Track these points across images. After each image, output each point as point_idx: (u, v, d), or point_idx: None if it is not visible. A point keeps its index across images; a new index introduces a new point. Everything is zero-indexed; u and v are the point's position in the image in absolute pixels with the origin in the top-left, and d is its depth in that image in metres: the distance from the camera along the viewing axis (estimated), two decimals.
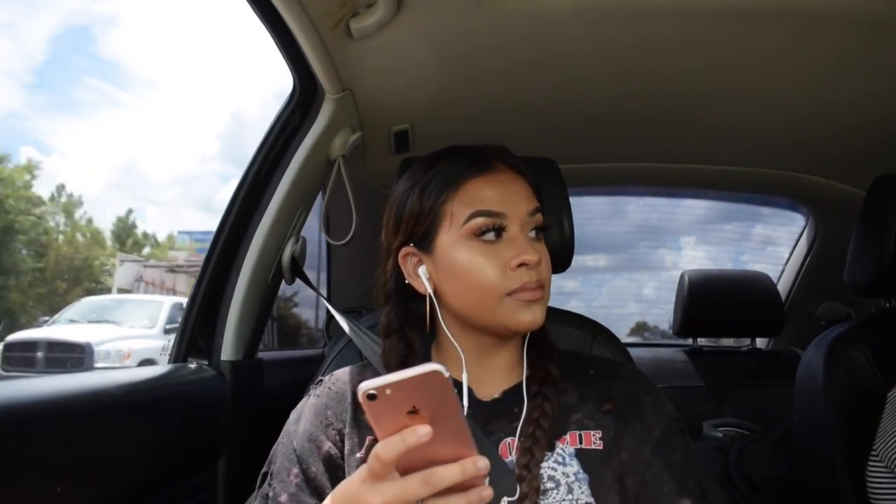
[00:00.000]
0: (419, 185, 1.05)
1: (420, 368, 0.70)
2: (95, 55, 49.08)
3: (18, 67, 45.65)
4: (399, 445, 0.71)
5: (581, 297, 3.97)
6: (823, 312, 2.79)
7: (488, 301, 1.01)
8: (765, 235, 3.26)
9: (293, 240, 1.66)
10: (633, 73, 1.68)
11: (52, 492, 1.02)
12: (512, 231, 1.02)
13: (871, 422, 1.44)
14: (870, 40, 1.48)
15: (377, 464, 0.73)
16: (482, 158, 1.05)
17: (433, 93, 1.73)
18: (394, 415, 0.71)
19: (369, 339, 1.30)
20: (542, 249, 1.05)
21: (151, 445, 1.30)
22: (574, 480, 0.98)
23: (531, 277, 1.00)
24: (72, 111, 48.55)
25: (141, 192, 38.70)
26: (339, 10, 1.37)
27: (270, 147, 1.61)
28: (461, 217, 1.01)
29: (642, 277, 4.09)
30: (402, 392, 0.70)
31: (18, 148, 46.04)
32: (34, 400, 1.05)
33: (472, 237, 1.01)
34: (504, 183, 1.03)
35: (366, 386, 0.70)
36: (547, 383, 1.05)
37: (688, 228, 3.52)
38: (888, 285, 1.60)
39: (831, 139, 2.02)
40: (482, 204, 1.01)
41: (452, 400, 0.72)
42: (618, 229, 3.52)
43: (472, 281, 1.01)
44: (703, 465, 1.05)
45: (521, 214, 1.02)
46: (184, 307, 1.78)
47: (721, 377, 2.66)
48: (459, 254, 1.02)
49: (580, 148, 2.16)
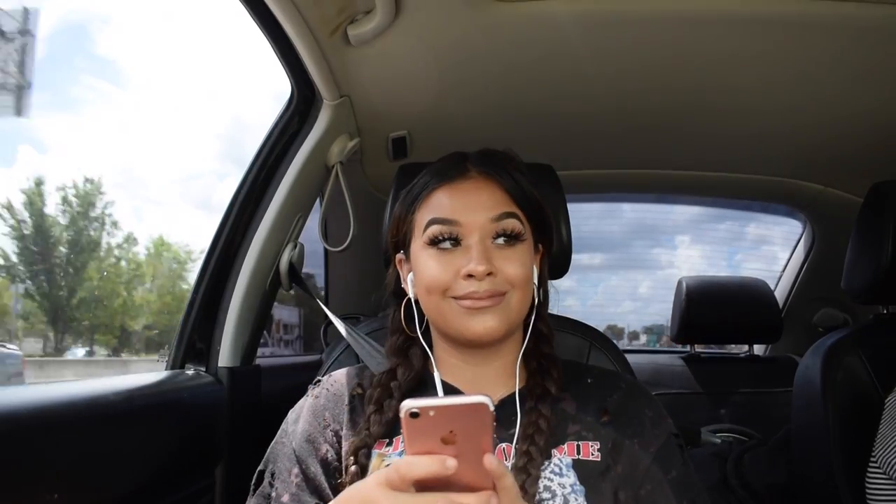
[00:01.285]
0: (402, 194, 1.08)
1: (468, 398, 0.71)
2: (92, 53, 49.01)
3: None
4: (423, 468, 0.72)
5: (577, 295, 3.98)
6: (821, 319, 2.79)
7: (438, 304, 1.02)
8: (759, 235, 3.27)
9: (291, 246, 1.66)
10: (633, 80, 1.68)
11: (50, 499, 1.02)
12: (469, 240, 1.00)
13: (869, 428, 1.44)
14: (867, 49, 1.48)
15: (397, 477, 0.73)
16: (453, 166, 1.05)
17: (431, 99, 1.73)
18: (430, 437, 0.72)
19: (367, 345, 1.30)
20: (511, 255, 1.01)
21: (149, 452, 1.30)
22: (570, 492, 0.97)
23: (478, 287, 0.98)
24: (69, 109, 48.47)
25: (140, 192, 38.56)
26: (337, 17, 1.37)
27: (268, 153, 1.62)
28: (422, 225, 1.03)
29: (637, 276, 4.11)
30: (445, 417, 0.71)
31: (16, 147, 46.01)
32: (31, 407, 1.04)
33: (430, 245, 1.02)
34: (468, 191, 1.03)
35: (410, 404, 0.71)
36: (543, 399, 1.04)
37: (683, 228, 3.53)
38: (885, 292, 1.60)
39: (828, 146, 2.02)
40: (439, 212, 1.02)
41: (489, 435, 0.72)
42: (613, 229, 3.54)
43: (426, 285, 1.02)
44: (698, 483, 1.05)
45: (480, 222, 1.01)
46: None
47: (719, 383, 2.66)
48: (419, 260, 1.03)
49: (578, 154, 2.16)
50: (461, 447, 0.71)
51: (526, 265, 1.02)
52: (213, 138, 56.05)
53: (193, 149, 52.58)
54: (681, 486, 1.01)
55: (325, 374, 1.32)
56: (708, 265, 3.58)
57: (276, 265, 1.65)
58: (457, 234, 1.01)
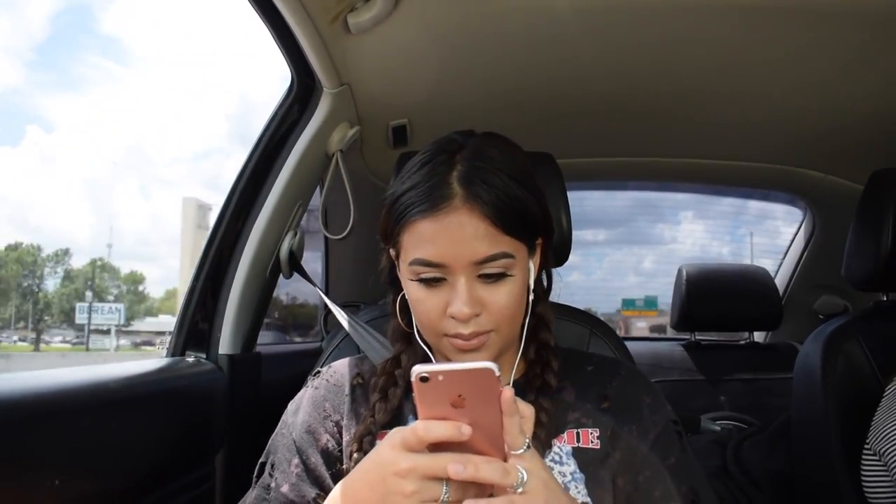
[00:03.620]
0: (389, 200, 1.01)
1: (474, 364, 0.74)
2: (97, 32, 49.10)
3: (20, 45, 45.71)
4: (440, 431, 0.74)
5: (581, 269, 4.00)
6: (821, 306, 2.79)
7: (431, 336, 1.02)
8: (760, 208, 3.27)
9: (291, 233, 1.67)
10: (632, 68, 1.68)
11: (50, 485, 1.02)
12: (453, 279, 0.96)
13: (869, 415, 1.45)
14: (868, 36, 1.48)
15: (414, 438, 0.76)
16: (437, 188, 0.95)
17: (431, 87, 1.73)
18: (440, 401, 0.75)
19: (367, 334, 1.30)
20: (499, 289, 0.97)
21: (149, 439, 1.30)
22: (571, 480, 0.98)
23: (465, 329, 0.96)
24: (74, 88, 48.66)
25: (149, 170, 38.44)
26: (337, 5, 1.37)
27: (268, 141, 1.61)
28: (407, 257, 0.98)
29: (641, 251, 4.13)
30: (452, 381, 0.74)
31: (24, 127, 46.07)
32: (32, 393, 1.05)
33: (415, 277, 0.97)
34: (450, 228, 0.94)
35: (420, 369, 0.74)
36: (544, 392, 1.03)
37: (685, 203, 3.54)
38: (885, 279, 1.60)
39: (829, 134, 2.02)
40: (423, 252, 0.95)
41: (496, 399, 0.75)
42: (617, 203, 3.55)
43: (417, 315, 1.01)
44: (697, 469, 1.05)
45: (464, 264, 0.94)
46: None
47: (719, 371, 2.67)
48: (408, 286, 1.00)
49: (578, 142, 2.16)
50: (471, 412, 0.75)
51: (514, 296, 0.98)
52: (223, 119, 56.00)
53: (201, 126, 52.64)
54: (680, 473, 1.01)
55: (325, 362, 1.33)
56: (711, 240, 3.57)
57: (276, 253, 1.65)
58: (439, 276, 0.96)
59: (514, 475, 0.75)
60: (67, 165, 43.08)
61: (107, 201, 43.77)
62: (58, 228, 59.19)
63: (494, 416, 0.75)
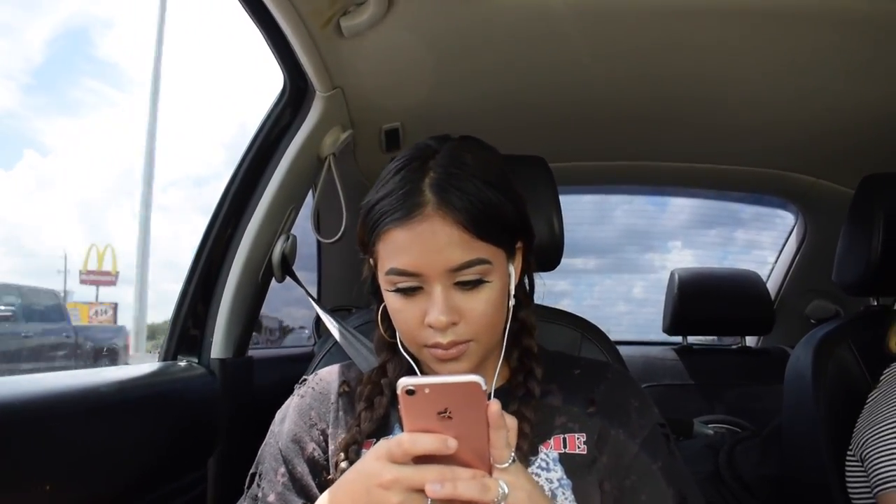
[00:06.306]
0: (364, 209, 1.00)
1: (461, 377, 0.75)
2: (93, 56, 48.96)
3: (16, 68, 45.51)
4: (426, 444, 0.75)
5: (572, 296, 4.01)
6: (813, 311, 2.80)
7: (412, 346, 1.01)
8: (748, 239, 3.29)
9: (283, 237, 1.66)
10: (625, 72, 1.68)
11: (41, 491, 1.02)
12: (429, 287, 0.94)
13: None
14: (859, 41, 1.49)
15: (399, 451, 0.76)
16: (409, 196, 0.94)
17: (424, 91, 1.73)
18: (426, 414, 0.75)
19: (356, 341, 1.29)
20: (476, 296, 0.95)
21: (141, 443, 1.30)
22: (557, 486, 0.98)
23: (444, 339, 0.95)
24: (70, 112, 48.45)
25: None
26: (330, 9, 1.37)
27: (261, 145, 1.61)
28: (384, 266, 0.97)
29: (631, 279, 4.14)
30: (439, 394, 0.74)
31: (21, 151, 45.84)
32: (22, 398, 1.04)
33: (392, 287, 0.96)
34: (424, 236, 0.92)
35: (406, 382, 0.74)
36: (526, 402, 1.02)
37: (673, 233, 3.56)
38: (876, 284, 1.60)
39: (820, 138, 2.03)
40: (397, 261, 0.94)
41: (483, 412, 0.75)
42: (607, 234, 3.57)
43: (397, 325, 1.00)
44: (685, 472, 1.05)
45: (439, 272, 0.93)
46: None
47: (711, 375, 2.67)
48: (386, 297, 0.99)
49: (570, 146, 2.17)
50: (457, 424, 0.75)
51: (492, 302, 0.97)
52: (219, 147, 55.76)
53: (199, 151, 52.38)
54: (667, 477, 1.01)
55: (317, 366, 1.32)
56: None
57: (268, 257, 1.64)
58: (418, 283, 0.95)
59: (493, 490, 0.76)
60: (63, 189, 43.03)
61: (99, 224, 43.64)
62: (54, 248, 58.77)
63: (480, 430, 0.76)
